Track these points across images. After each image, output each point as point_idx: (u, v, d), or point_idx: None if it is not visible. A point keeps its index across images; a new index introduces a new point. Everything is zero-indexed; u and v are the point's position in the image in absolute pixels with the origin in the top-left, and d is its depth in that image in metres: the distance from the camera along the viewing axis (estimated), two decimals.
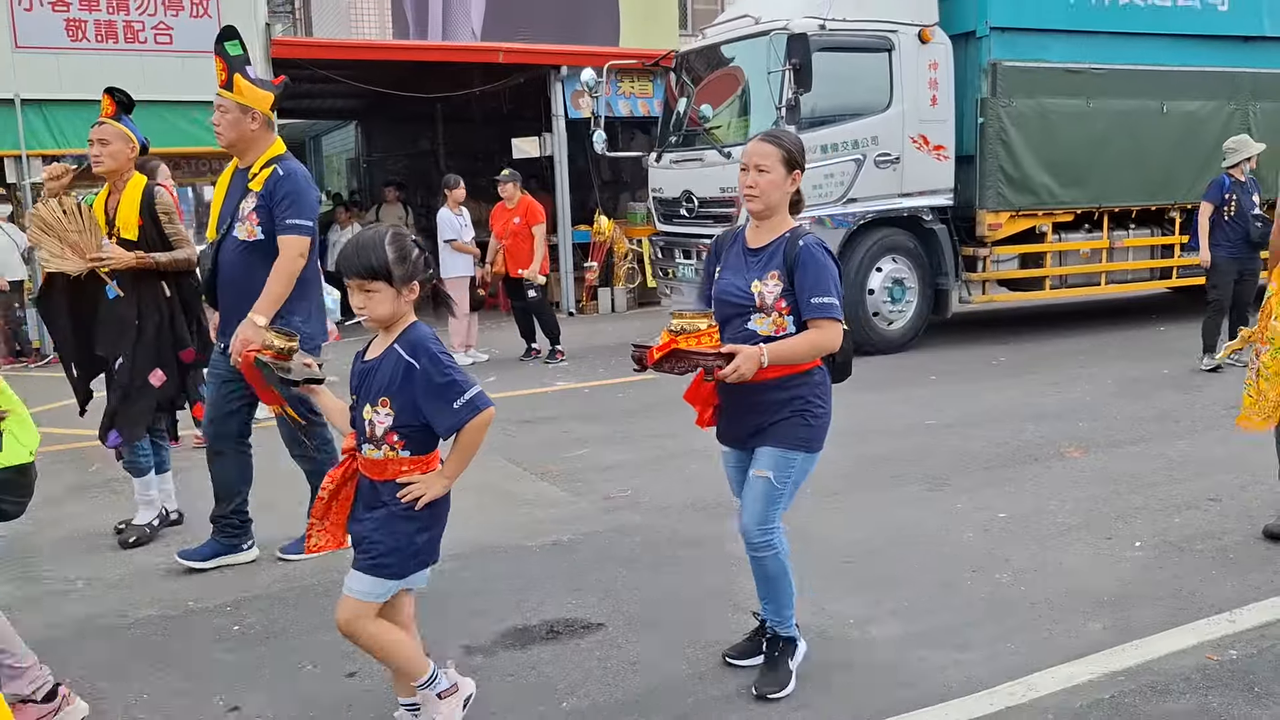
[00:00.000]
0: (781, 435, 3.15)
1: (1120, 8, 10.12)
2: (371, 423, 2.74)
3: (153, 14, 11.46)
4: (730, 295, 3.20)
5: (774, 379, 3.11)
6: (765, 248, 3.19)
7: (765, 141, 3.20)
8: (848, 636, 3.65)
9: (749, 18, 9.72)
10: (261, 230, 4.30)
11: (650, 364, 3.07)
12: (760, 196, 3.16)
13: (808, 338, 3.10)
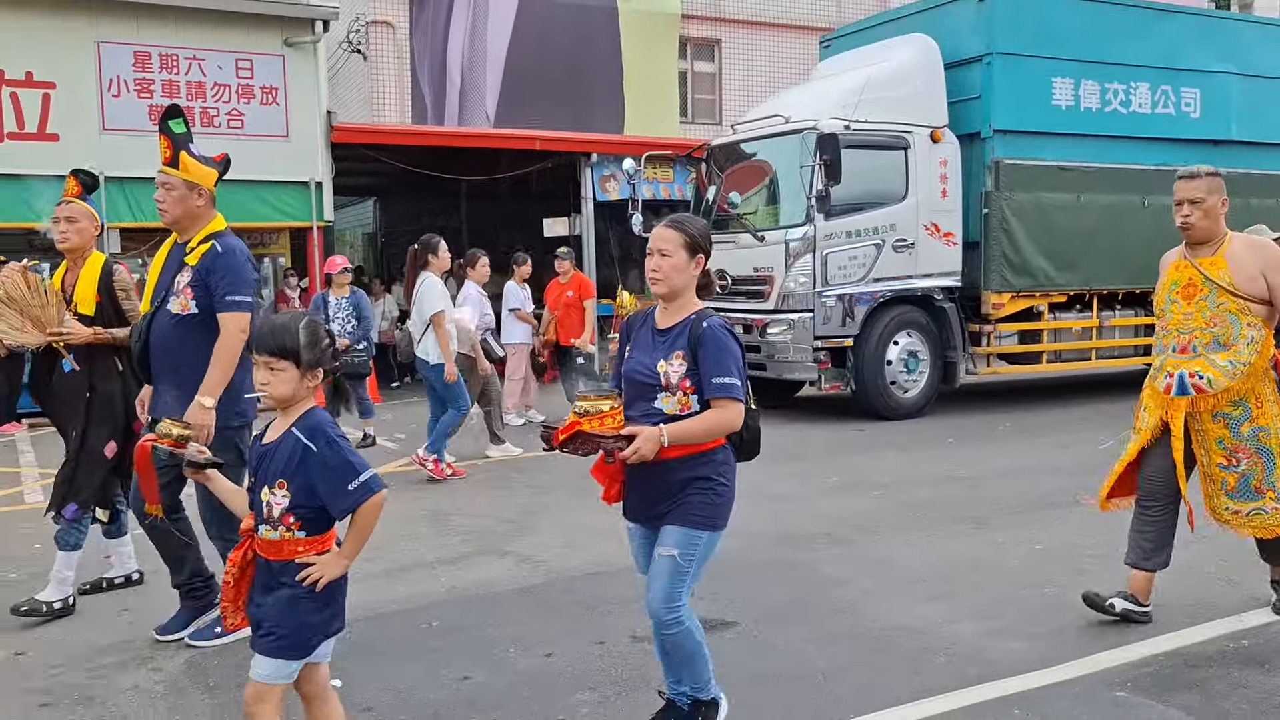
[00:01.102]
0: (686, 514, 3.23)
1: (1106, 114, 11.41)
2: (269, 504, 2.82)
3: (227, 101, 12.52)
4: (638, 374, 3.29)
5: (677, 458, 3.19)
6: (672, 329, 3.28)
7: (669, 227, 3.30)
8: (939, 631, 4.56)
9: (779, 117, 10.89)
10: (195, 304, 4.31)
11: (555, 445, 3.17)
12: (664, 280, 3.25)
13: (708, 417, 3.19)
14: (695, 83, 20.36)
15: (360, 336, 9.60)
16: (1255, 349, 4.43)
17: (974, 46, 10.91)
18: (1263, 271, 4.40)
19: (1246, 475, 4.49)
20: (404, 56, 17.94)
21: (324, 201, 13.13)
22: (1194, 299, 4.51)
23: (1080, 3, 11.36)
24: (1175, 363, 4.53)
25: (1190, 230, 4.51)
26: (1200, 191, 4.47)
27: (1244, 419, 4.47)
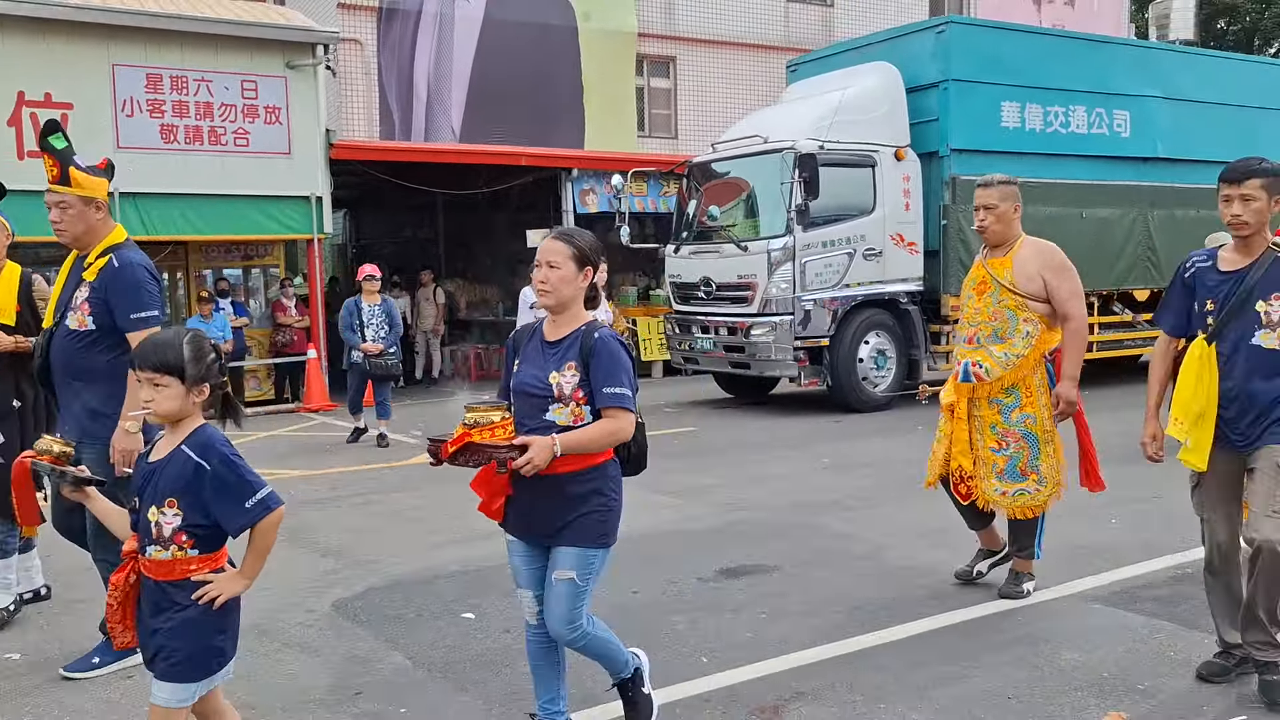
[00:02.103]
0: (580, 534, 3.21)
1: (1048, 135, 12.65)
2: (158, 524, 2.73)
3: (233, 120, 13.18)
4: (529, 387, 3.25)
5: (569, 472, 3.16)
6: (562, 340, 3.25)
7: (557, 239, 3.27)
8: (948, 568, 5.55)
9: (758, 137, 11.93)
10: (93, 320, 4.17)
11: (444, 457, 3.13)
12: (552, 292, 3.22)
13: (601, 427, 3.17)
14: (652, 98, 21.21)
15: (392, 342, 10.37)
16: (1030, 343, 4.83)
17: (932, 73, 12.08)
18: (1041, 273, 4.80)
19: (1014, 458, 4.93)
20: (372, 73, 18.56)
21: (324, 215, 13.86)
22: (984, 295, 4.93)
23: (1025, 35, 12.61)
24: (963, 352, 4.99)
25: (985, 233, 4.93)
26: (994, 199, 4.84)
27: (1014, 406, 4.90)
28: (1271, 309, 3.71)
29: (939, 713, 3.75)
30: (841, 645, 4.45)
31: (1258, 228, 3.75)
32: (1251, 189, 3.70)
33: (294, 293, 14.92)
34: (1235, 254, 3.85)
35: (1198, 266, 3.93)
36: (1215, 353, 3.78)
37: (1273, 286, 3.72)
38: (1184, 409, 3.83)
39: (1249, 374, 3.74)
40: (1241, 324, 3.76)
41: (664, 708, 3.87)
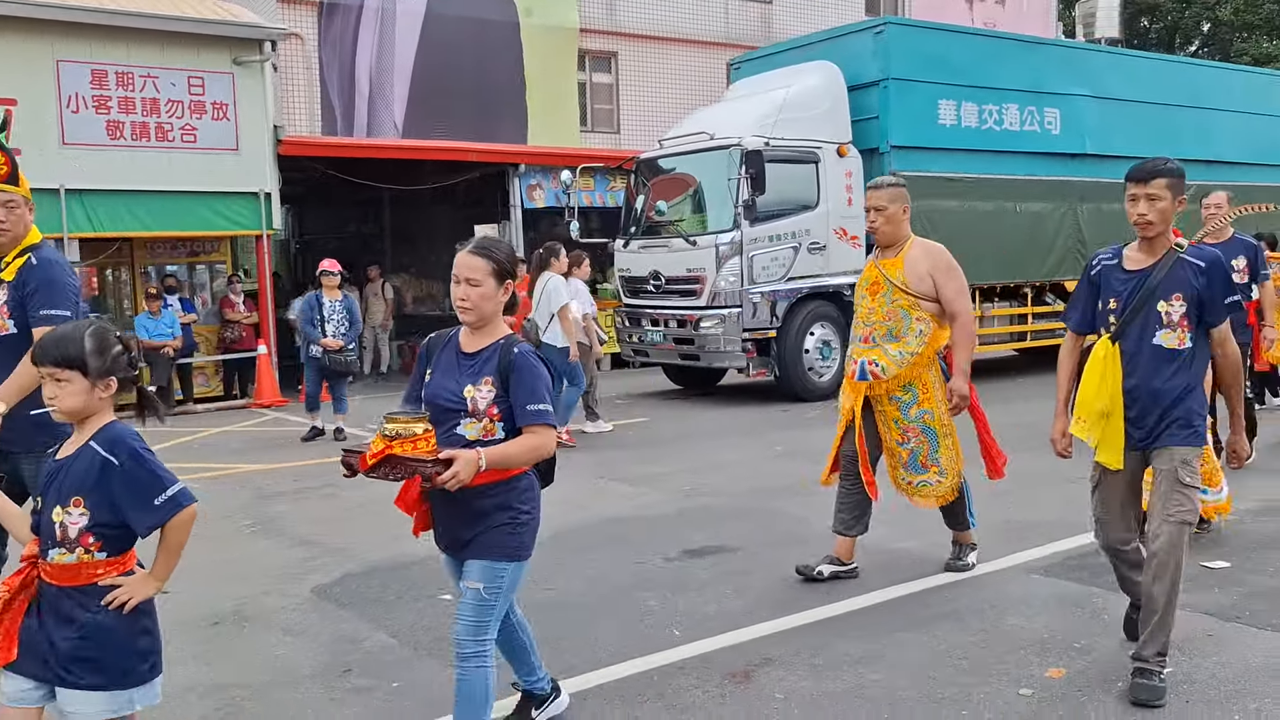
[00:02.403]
0: (490, 547, 3.15)
1: (983, 132, 13.11)
2: (63, 525, 2.59)
3: (180, 117, 13.13)
4: (441, 399, 3.16)
5: (480, 486, 3.06)
6: (480, 353, 3.17)
7: (475, 255, 3.15)
8: (897, 545, 5.89)
9: (705, 134, 12.22)
10: (14, 324, 3.93)
11: (363, 469, 3.01)
12: (473, 309, 3.14)
13: (525, 443, 3.11)
14: (594, 94, 21.39)
15: (353, 338, 10.46)
16: (923, 341, 4.97)
17: (872, 72, 12.46)
18: (930, 273, 4.92)
19: (915, 452, 5.13)
20: (313, 68, 18.49)
21: (273, 211, 13.87)
22: (877, 295, 5.04)
23: (960, 35, 13.06)
24: (859, 351, 5.10)
25: (876, 234, 5.06)
26: (884, 200, 4.96)
27: (912, 402, 5.05)
28: (1172, 309, 3.75)
29: (896, 673, 4.06)
30: (804, 616, 4.74)
31: (1163, 227, 3.77)
32: (1157, 189, 3.72)
33: (241, 289, 14.89)
34: (1140, 253, 3.88)
35: (1104, 265, 3.96)
36: (1119, 352, 3.82)
37: (1174, 286, 3.76)
38: (1086, 407, 3.87)
39: (1151, 373, 3.77)
40: (1143, 323, 3.79)
41: (641, 676, 4.14)
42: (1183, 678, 3.92)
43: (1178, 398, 3.77)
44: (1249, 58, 31.82)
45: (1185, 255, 3.80)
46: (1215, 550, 5.57)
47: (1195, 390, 3.81)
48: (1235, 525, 6.07)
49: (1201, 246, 3.91)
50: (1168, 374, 3.77)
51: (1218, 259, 3.81)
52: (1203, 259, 3.79)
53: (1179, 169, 3.78)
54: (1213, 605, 4.72)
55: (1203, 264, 3.77)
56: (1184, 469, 3.75)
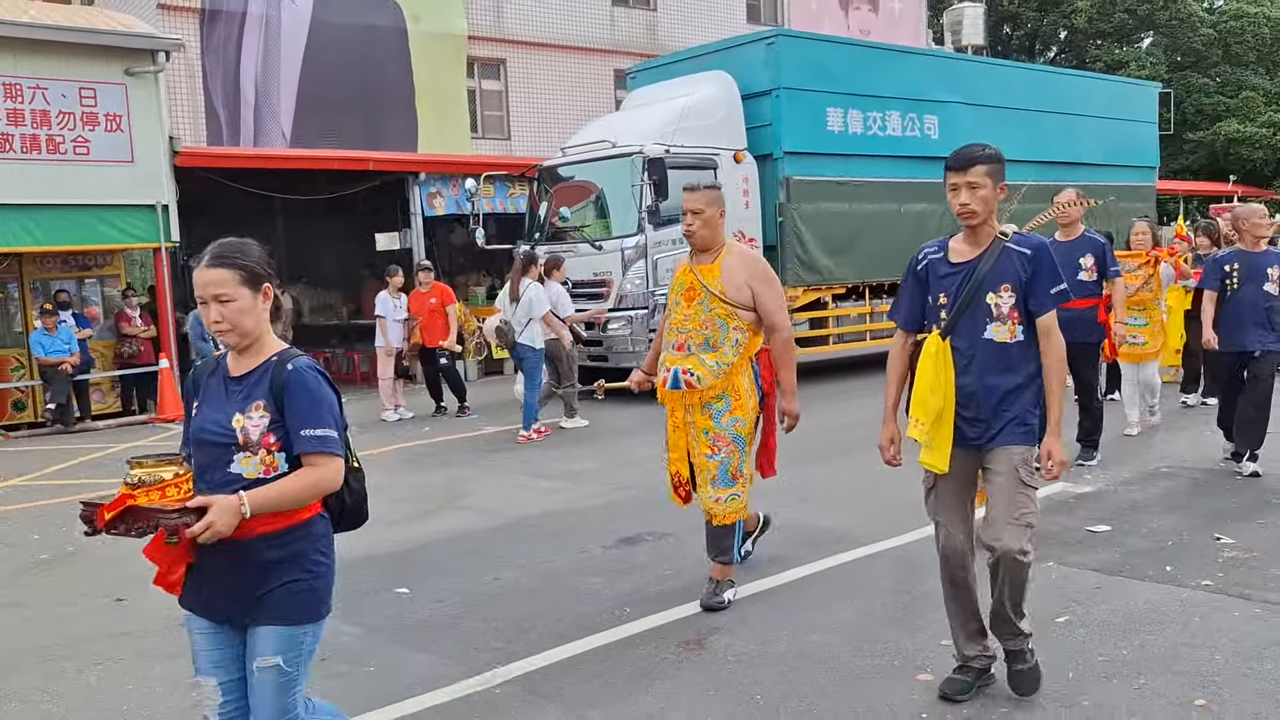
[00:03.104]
0: (284, 609, 2.70)
1: (868, 137, 13.84)
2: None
3: (72, 129, 12.91)
4: (208, 433, 2.71)
5: (264, 534, 2.64)
6: (249, 375, 2.75)
7: (218, 266, 2.70)
8: (816, 523, 6.37)
9: (606, 142, 12.61)
10: None
11: (101, 526, 2.53)
12: (233, 329, 2.71)
13: (301, 478, 2.66)
14: (484, 100, 21.58)
15: None
16: (739, 350, 4.82)
17: (764, 82, 13.03)
18: (749, 282, 4.77)
19: (725, 463, 4.86)
20: (196, 76, 18.25)
21: (170, 223, 13.73)
22: (693, 302, 4.84)
23: (847, 47, 13.76)
24: (673, 359, 4.88)
25: (692, 238, 4.88)
26: (701, 203, 4.81)
27: (725, 410, 4.84)
28: (1001, 301, 3.61)
29: (831, 634, 4.51)
30: (744, 590, 5.16)
31: (986, 216, 3.61)
32: (977, 176, 3.57)
33: (137, 302, 14.67)
34: (965, 244, 3.72)
35: (929, 258, 3.78)
36: (950, 348, 3.63)
37: (1002, 277, 3.61)
38: (923, 408, 3.66)
39: (984, 370, 3.62)
40: (973, 317, 3.63)
41: (599, 650, 4.50)
42: (1078, 623, 4.48)
43: (1011, 393, 3.62)
44: (1102, 63, 33.81)
45: (1011, 244, 3.65)
46: (1097, 516, 6.20)
47: (1029, 388, 3.66)
48: (1114, 493, 6.75)
49: (1027, 234, 3.76)
50: (1000, 369, 3.62)
51: (1043, 246, 3.69)
52: (1028, 246, 3.66)
53: (997, 154, 3.65)
54: (1098, 563, 5.32)
55: (1029, 252, 3.64)
56: (1024, 469, 3.62)
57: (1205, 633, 4.31)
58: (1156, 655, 4.11)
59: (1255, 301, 6.97)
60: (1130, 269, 8.59)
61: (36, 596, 5.84)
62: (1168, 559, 5.32)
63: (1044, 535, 5.75)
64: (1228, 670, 3.93)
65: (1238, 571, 5.08)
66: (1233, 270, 7.07)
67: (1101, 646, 4.22)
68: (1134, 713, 3.62)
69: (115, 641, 4.95)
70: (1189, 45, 33.47)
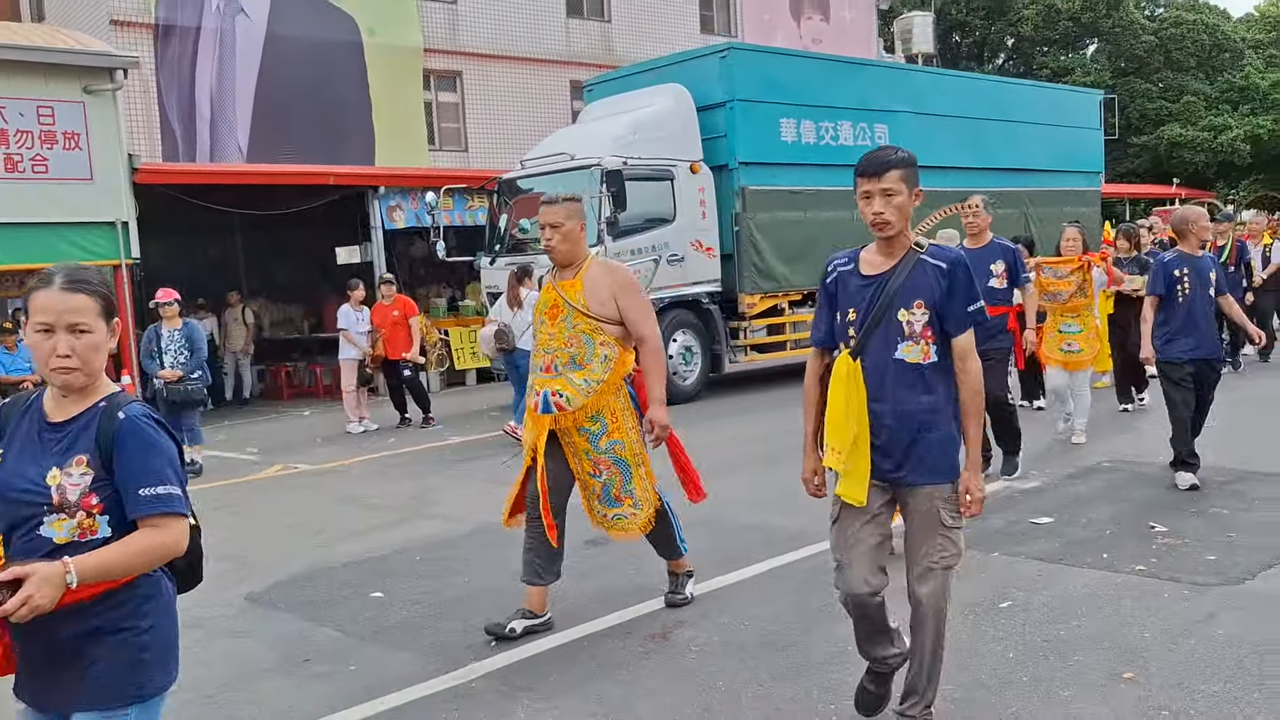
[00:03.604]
0: (103, 690, 2.33)
1: (821, 147, 14.19)
2: None
3: (30, 147, 12.94)
4: (14, 490, 2.33)
5: (80, 603, 2.26)
6: (71, 422, 2.36)
7: (79, 292, 2.34)
8: (773, 524, 6.62)
9: (565, 154, 12.84)
10: None
11: None
12: (83, 367, 2.34)
13: (140, 541, 2.31)
14: (440, 112, 21.75)
15: (194, 367, 9.95)
16: (609, 367, 4.62)
17: (719, 94, 13.34)
18: (613, 293, 4.57)
19: (607, 485, 4.78)
20: (150, 91, 18.27)
21: (130, 240, 13.77)
22: (557, 320, 4.64)
23: (798, 59, 14.12)
24: (541, 382, 4.69)
25: (552, 253, 4.65)
26: (560, 217, 4.57)
27: (601, 433, 4.68)
28: (914, 318, 3.30)
29: (790, 624, 4.77)
30: (706, 585, 5.40)
31: (901, 225, 3.31)
32: (892, 182, 3.25)
33: None
34: (878, 255, 3.40)
35: (839, 271, 3.47)
36: (861, 369, 3.33)
37: (915, 292, 3.31)
38: (838, 434, 3.35)
39: (896, 393, 3.32)
40: (885, 336, 3.32)
41: (569, 645, 4.73)
42: (1019, 607, 4.77)
43: (927, 421, 3.32)
44: (1049, 70, 34.63)
45: (926, 256, 3.35)
46: (1040, 509, 6.52)
47: (948, 411, 3.36)
48: (1056, 488, 7.09)
49: (944, 246, 3.47)
50: (915, 393, 3.32)
51: (960, 260, 3.38)
52: (945, 260, 3.35)
53: (911, 158, 3.34)
54: (1041, 552, 5.62)
55: (945, 265, 3.33)
56: (945, 508, 3.34)
57: (1136, 613, 4.61)
58: (1090, 635, 4.40)
59: (1206, 307, 6.73)
60: (1062, 275, 8.54)
61: None
62: (1105, 547, 5.64)
63: (990, 529, 6.09)
64: (1155, 646, 4.23)
65: (1169, 557, 5.41)
66: (1183, 275, 6.69)
67: (1040, 628, 4.51)
68: (1067, 685, 3.91)
69: None
70: (1132, 52, 34.35)
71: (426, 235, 15.00)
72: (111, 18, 17.28)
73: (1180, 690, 3.81)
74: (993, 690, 3.92)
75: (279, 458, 10.72)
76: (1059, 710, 3.72)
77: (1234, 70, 35.13)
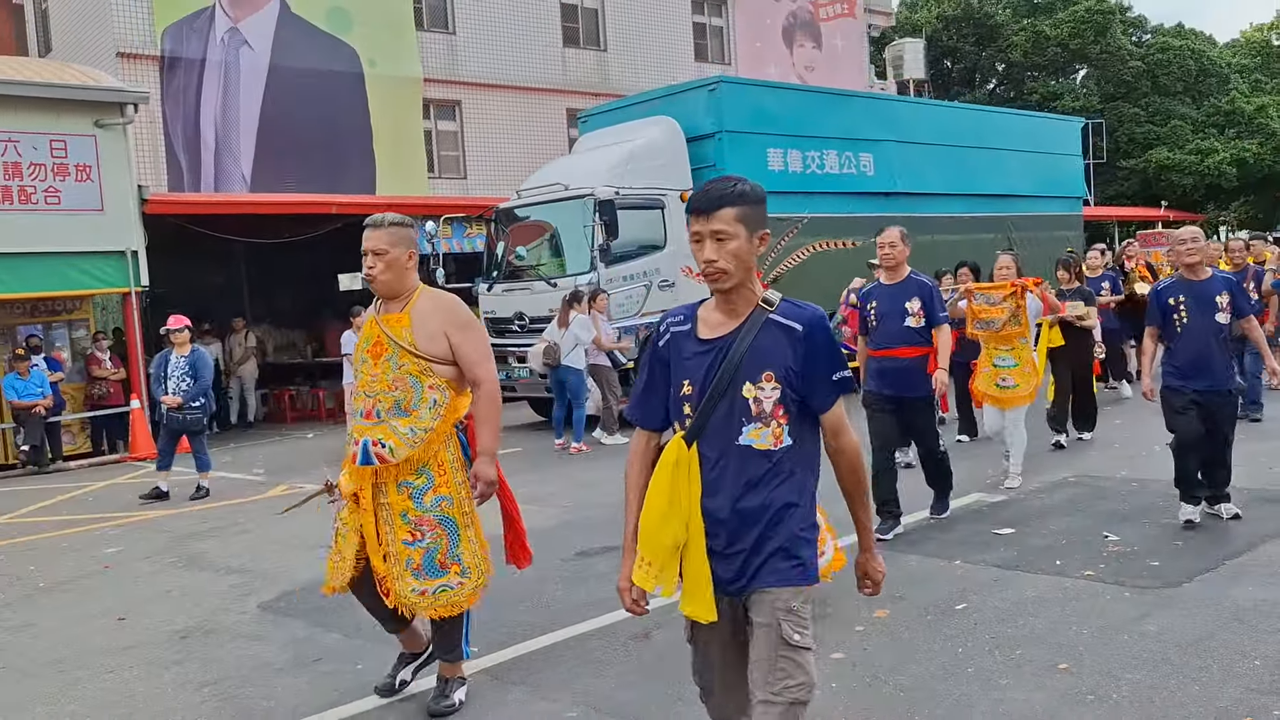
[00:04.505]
0: None
1: (808, 175, 14.70)
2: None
3: (43, 179, 13.41)
4: None
5: None
6: None
7: None
8: None
9: (559, 185, 13.32)
10: None
11: None
12: None
13: None
14: (440, 141, 22.24)
15: (196, 394, 10.08)
16: (439, 413, 4.08)
17: (707, 125, 13.84)
18: (445, 331, 4.06)
19: (431, 550, 4.10)
20: (156, 122, 18.76)
21: (140, 268, 14.23)
22: (380, 359, 4.09)
23: (784, 91, 14.66)
24: (361, 429, 4.13)
25: (374, 284, 4.13)
26: (384, 242, 4.07)
27: (427, 488, 4.09)
28: (763, 394, 2.69)
29: None
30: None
31: (741, 276, 2.70)
32: (725, 222, 2.67)
33: (107, 345, 15.12)
34: (717, 313, 2.77)
35: (672, 331, 2.83)
36: (696, 456, 2.71)
37: (763, 362, 2.69)
38: (651, 543, 2.74)
39: (738, 488, 2.71)
40: (727, 416, 2.71)
41: (558, 644, 5.13)
42: (973, 609, 5.18)
43: (775, 519, 2.72)
44: (1038, 95, 35.23)
45: (777, 315, 2.72)
46: (1004, 520, 6.94)
47: (800, 507, 2.76)
48: (1022, 501, 7.50)
49: (799, 304, 2.76)
50: (763, 488, 2.71)
51: (818, 321, 2.74)
52: (800, 320, 2.72)
53: (753, 192, 2.75)
54: (999, 559, 6.03)
55: (800, 328, 2.70)
56: (789, 621, 2.71)
57: (1079, 613, 5.02)
58: (1034, 633, 4.81)
59: (1209, 333, 6.28)
60: (995, 301, 8.04)
61: (43, 619, 6.35)
62: (1059, 555, 6.05)
63: (953, 539, 6.53)
64: (1091, 641, 4.64)
65: (1117, 563, 5.82)
66: (1177, 304, 6.33)
67: (990, 627, 4.92)
68: (1006, 675, 4.32)
69: (124, 654, 5.50)
70: (1119, 77, 34.97)
71: (427, 263, 15.43)
72: (118, 50, 17.79)
73: (1107, 678, 4.22)
74: (938, 680, 4.33)
75: (284, 478, 11.13)
76: (995, 695, 4.13)
77: (1220, 95, 35.75)
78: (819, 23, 27.80)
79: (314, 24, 19.89)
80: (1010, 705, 4.04)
